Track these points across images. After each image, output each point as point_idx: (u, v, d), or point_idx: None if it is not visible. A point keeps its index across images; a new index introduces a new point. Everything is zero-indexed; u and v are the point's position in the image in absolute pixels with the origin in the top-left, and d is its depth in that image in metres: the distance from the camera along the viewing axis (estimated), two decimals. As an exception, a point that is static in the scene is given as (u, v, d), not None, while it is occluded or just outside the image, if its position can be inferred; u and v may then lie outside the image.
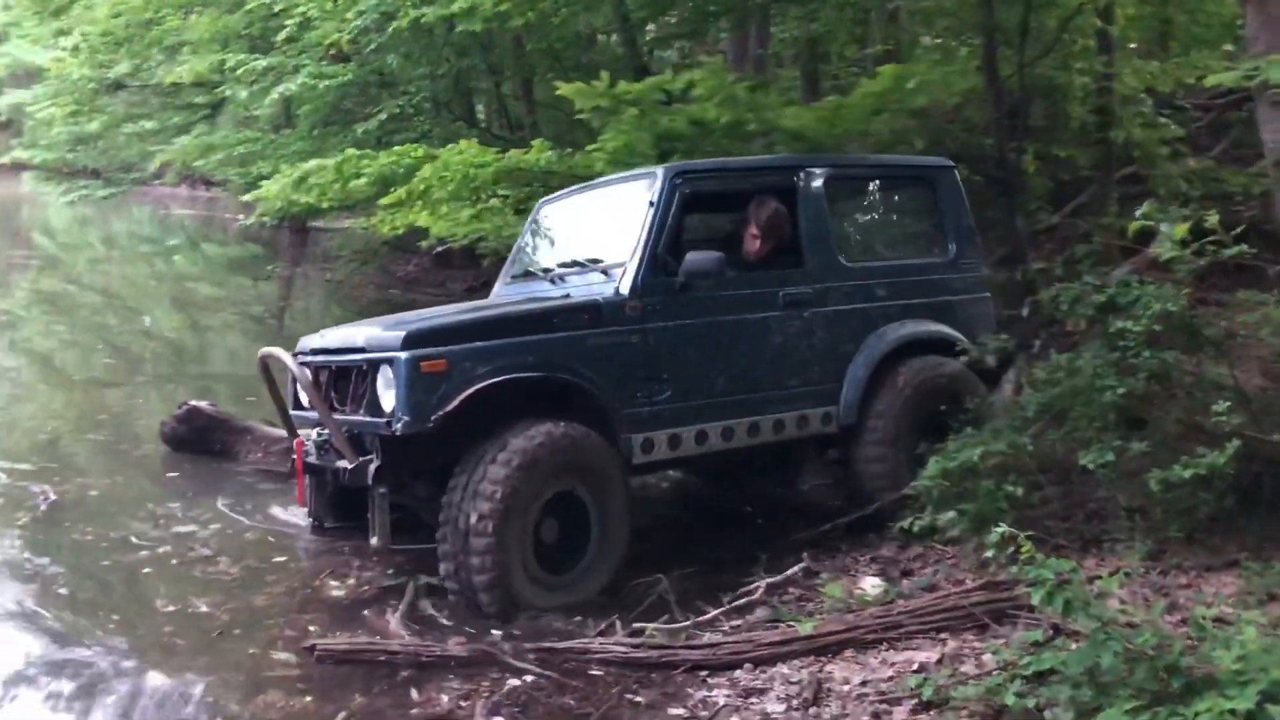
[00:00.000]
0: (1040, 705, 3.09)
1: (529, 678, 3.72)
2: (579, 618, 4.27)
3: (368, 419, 4.42)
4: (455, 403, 4.20)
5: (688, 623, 4.21)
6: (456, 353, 4.28)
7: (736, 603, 4.42)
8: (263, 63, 11.45)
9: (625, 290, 4.67)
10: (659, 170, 5.01)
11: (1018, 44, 7.42)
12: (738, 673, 3.73)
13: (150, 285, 18.01)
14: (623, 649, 3.87)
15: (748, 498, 6.28)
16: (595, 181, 5.84)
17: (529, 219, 6.00)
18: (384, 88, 11.88)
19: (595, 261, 5.01)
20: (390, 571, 4.93)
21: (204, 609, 4.55)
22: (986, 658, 3.54)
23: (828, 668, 3.69)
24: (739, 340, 4.93)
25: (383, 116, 11.09)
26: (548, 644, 3.96)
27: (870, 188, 6.03)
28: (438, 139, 10.68)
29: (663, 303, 4.73)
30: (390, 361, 4.25)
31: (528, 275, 5.58)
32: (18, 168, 25.41)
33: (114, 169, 22.81)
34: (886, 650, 3.77)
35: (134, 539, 5.48)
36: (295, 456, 4.80)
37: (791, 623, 4.03)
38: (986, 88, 7.42)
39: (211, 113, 16.30)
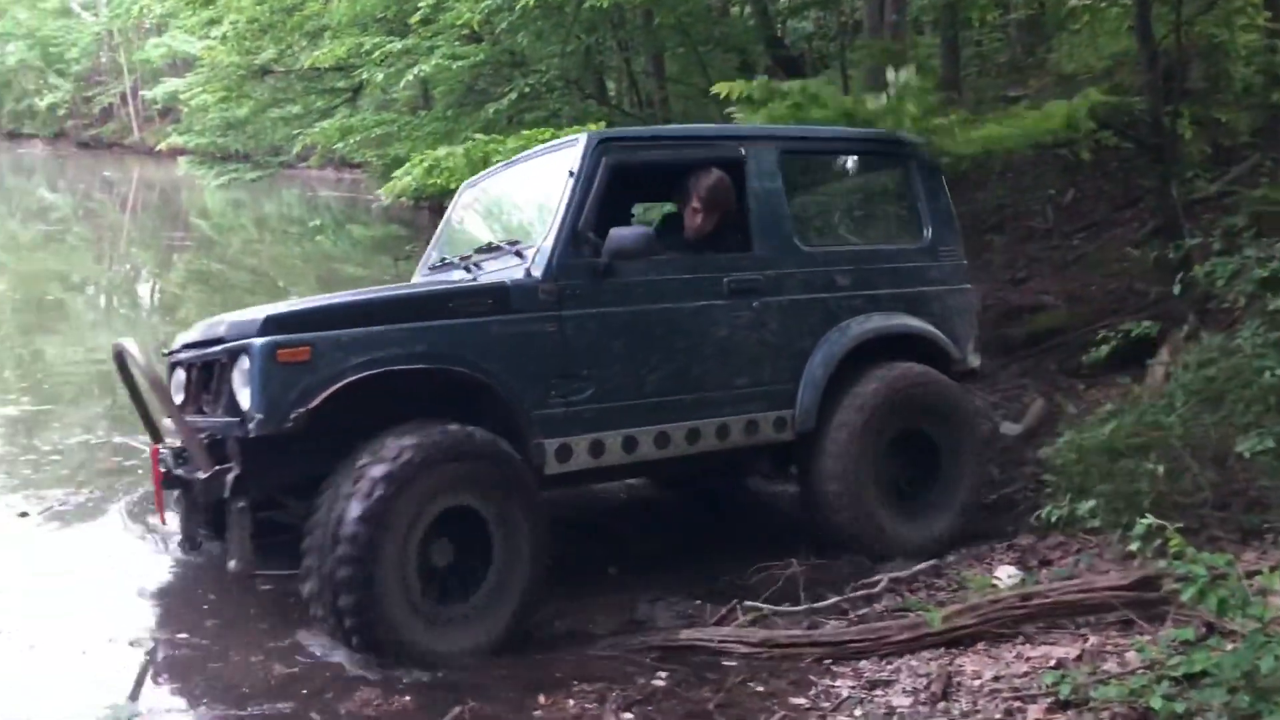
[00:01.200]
0: (1190, 710, 2.87)
1: (658, 677, 3.63)
2: (697, 602, 4.20)
3: (225, 420, 3.84)
4: (320, 398, 3.61)
5: (804, 608, 4.10)
6: (324, 340, 3.69)
7: (857, 593, 4.28)
8: (398, 45, 11.61)
9: (538, 272, 4.07)
10: (582, 137, 4.42)
11: (1174, 1, 6.96)
12: (862, 663, 3.61)
13: (297, 265, 18.65)
14: (747, 646, 3.77)
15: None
16: (520, 156, 5.22)
17: (452, 203, 5.47)
18: (515, 67, 11.92)
19: (512, 243, 4.40)
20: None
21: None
22: (1131, 656, 3.33)
23: (958, 660, 3.53)
24: (675, 332, 4.31)
25: (513, 96, 11.12)
26: (665, 640, 3.87)
27: (833, 163, 5.56)
28: (567, 118, 10.67)
29: (583, 287, 4.12)
30: (246, 350, 3.69)
31: (444, 265, 4.97)
32: (175, 153, 26.58)
33: (262, 153, 23.64)
34: (1022, 644, 3.59)
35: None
36: (153, 466, 4.23)
37: (920, 612, 3.87)
38: (1140, 49, 6.99)
39: (352, 96, 16.66)
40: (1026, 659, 3.48)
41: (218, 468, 3.75)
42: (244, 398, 3.67)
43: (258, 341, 3.65)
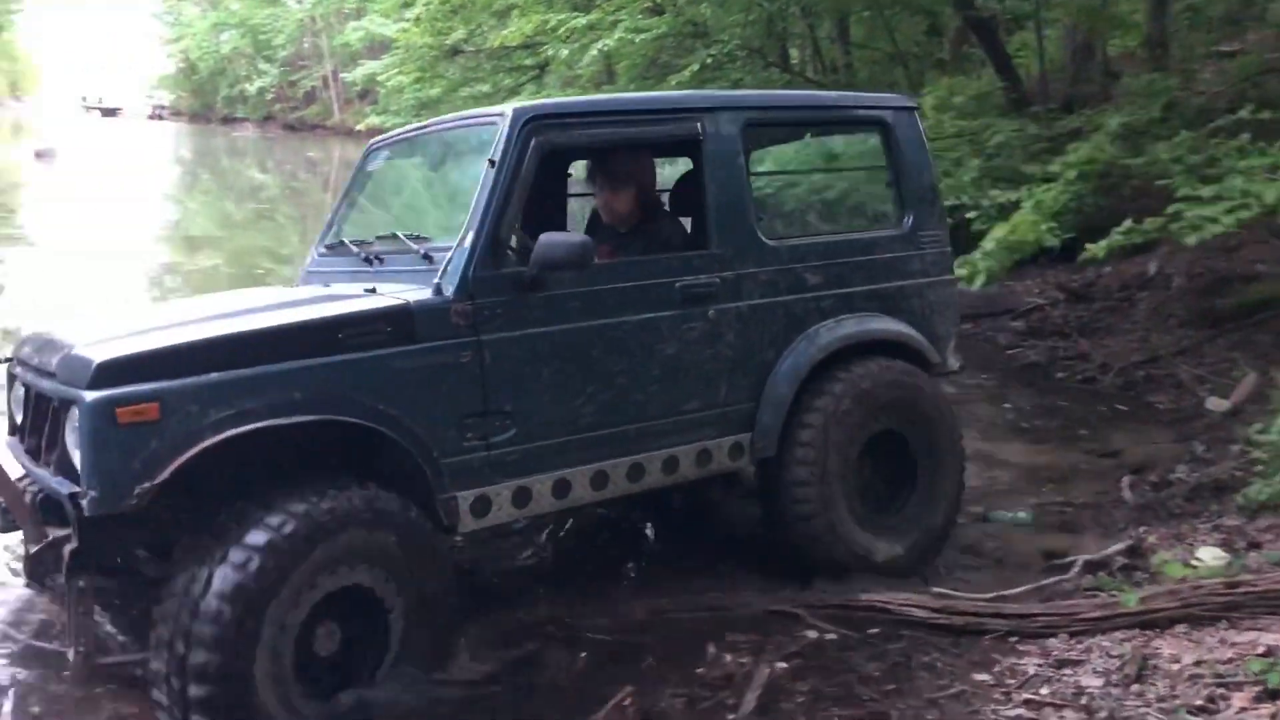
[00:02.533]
0: None
1: (826, 634, 3.64)
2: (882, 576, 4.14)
3: (58, 480, 3.02)
4: (172, 468, 2.84)
5: (992, 595, 3.96)
6: (176, 392, 2.87)
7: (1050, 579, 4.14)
8: (582, 20, 11.80)
9: (450, 288, 3.31)
10: (506, 111, 3.55)
11: None
12: (1051, 641, 3.49)
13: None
14: (925, 611, 3.71)
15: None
16: (439, 120, 4.29)
17: (355, 166, 4.51)
18: (697, 37, 11.93)
19: (419, 239, 3.67)
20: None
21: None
22: (1349, 646, 3.11)
23: (1155, 643, 3.37)
24: (615, 351, 3.60)
25: (695, 67, 11.14)
26: (845, 600, 3.84)
27: (802, 137, 4.88)
28: (749, 87, 10.61)
29: (505, 305, 3.38)
30: (76, 403, 2.88)
31: (339, 247, 4.18)
32: (373, 133, 27.78)
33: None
34: (1226, 629, 3.39)
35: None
36: None
37: (1114, 592, 3.72)
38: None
39: (539, 73, 17.03)
40: (1231, 644, 3.29)
41: (50, 538, 3.02)
42: (78, 461, 2.89)
43: (88, 397, 2.81)
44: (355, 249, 3.95)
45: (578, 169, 4.80)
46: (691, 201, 4.05)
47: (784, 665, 3.41)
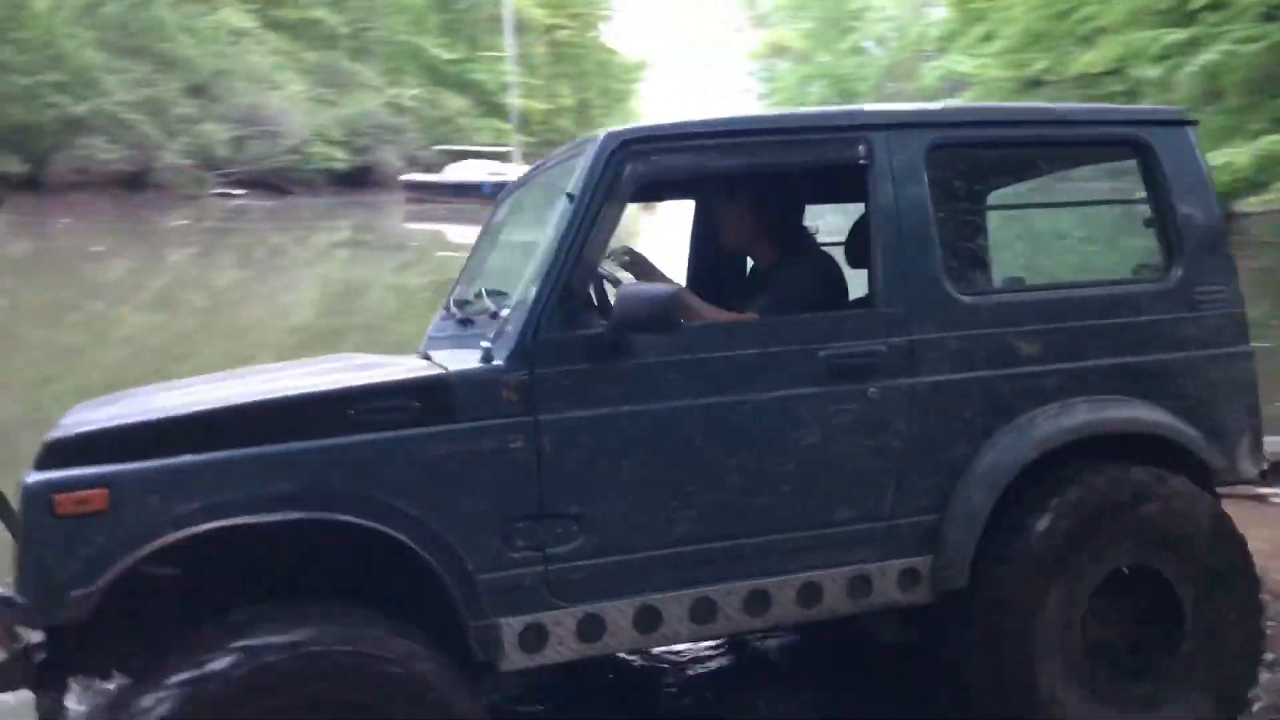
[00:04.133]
0: None
1: None
2: None
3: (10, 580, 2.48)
4: (115, 571, 2.27)
5: None
6: (130, 476, 2.33)
7: None
8: (1181, 35, 10.69)
9: (502, 355, 2.60)
10: (599, 137, 2.80)
11: None
12: None
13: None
14: None
15: None
16: (550, 156, 3.55)
17: (487, 217, 3.89)
18: (1326, 42, 10.27)
19: (498, 296, 2.99)
20: None
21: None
22: None
23: None
24: (726, 440, 2.76)
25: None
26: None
27: (1013, 162, 3.51)
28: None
29: (574, 376, 2.64)
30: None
31: (462, 306, 3.40)
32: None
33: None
34: None
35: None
36: None
37: None
38: None
39: (1128, 97, 15.90)
40: None
41: (20, 646, 2.46)
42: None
43: (27, 480, 2.32)
44: (456, 310, 3.32)
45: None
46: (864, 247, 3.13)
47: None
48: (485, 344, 2.61)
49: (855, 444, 2.86)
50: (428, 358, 2.98)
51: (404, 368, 2.73)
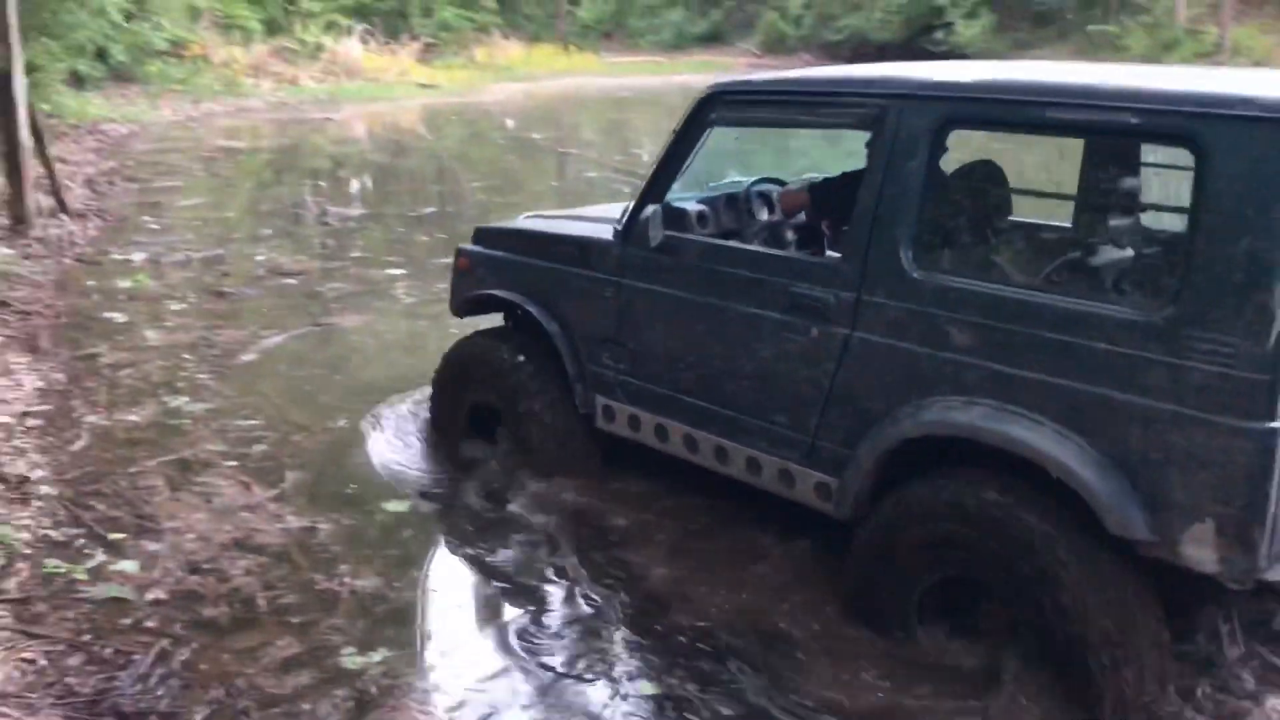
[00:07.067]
0: None
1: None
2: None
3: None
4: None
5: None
6: (471, 254, 4.61)
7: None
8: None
9: (615, 234, 3.95)
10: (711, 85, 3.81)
11: None
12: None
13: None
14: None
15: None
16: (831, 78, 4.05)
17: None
18: None
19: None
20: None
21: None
22: None
23: None
24: (715, 333, 3.59)
25: None
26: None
27: (1043, 146, 3.74)
28: None
29: (641, 259, 3.83)
30: None
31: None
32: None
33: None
34: None
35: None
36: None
37: None
38: None
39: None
40: None
41: None
42: None
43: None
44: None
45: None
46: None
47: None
48: (615, 225, 3.93)
49: (794, 369, 3.36)
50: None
51: (581, 225, 4.39)
